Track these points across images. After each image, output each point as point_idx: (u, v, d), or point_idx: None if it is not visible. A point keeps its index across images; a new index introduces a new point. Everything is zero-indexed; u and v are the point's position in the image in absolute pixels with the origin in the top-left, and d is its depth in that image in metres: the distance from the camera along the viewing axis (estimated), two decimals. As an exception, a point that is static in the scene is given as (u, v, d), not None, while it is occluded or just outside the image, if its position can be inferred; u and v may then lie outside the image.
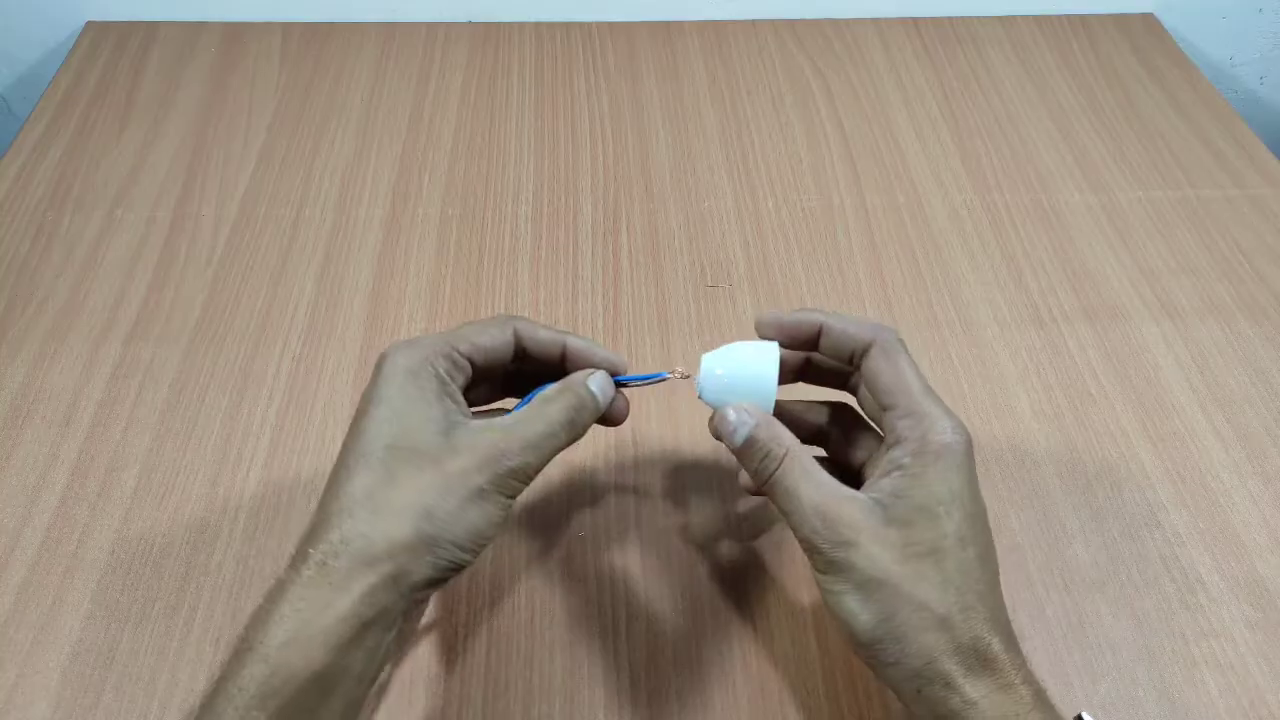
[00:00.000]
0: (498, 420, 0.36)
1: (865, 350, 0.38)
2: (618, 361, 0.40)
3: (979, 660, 0.32)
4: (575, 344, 0.40)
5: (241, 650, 0.31)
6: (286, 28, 0.79)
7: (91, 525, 0.47)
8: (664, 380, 0.41)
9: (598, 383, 0.38)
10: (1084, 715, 0.41)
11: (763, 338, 0.40)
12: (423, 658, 0.43)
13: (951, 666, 0.32)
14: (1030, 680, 0.32)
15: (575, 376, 0.38)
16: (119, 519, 0.47)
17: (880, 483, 0.35)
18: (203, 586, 0.45)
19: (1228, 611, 0.45)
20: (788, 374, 0.41)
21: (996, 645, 0.32)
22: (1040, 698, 0.32)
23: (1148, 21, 0.83)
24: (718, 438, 0.38)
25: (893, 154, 0.69)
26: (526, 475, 0.35)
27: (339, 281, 0.59)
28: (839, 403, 0.42)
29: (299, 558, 0.32)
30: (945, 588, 0.33)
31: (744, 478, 0.39)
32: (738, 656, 0.43)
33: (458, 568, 0.34)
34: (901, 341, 0.38)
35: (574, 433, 0.37)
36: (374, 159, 0.68)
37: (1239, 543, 0.48)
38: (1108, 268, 0.61)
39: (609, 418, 0.40)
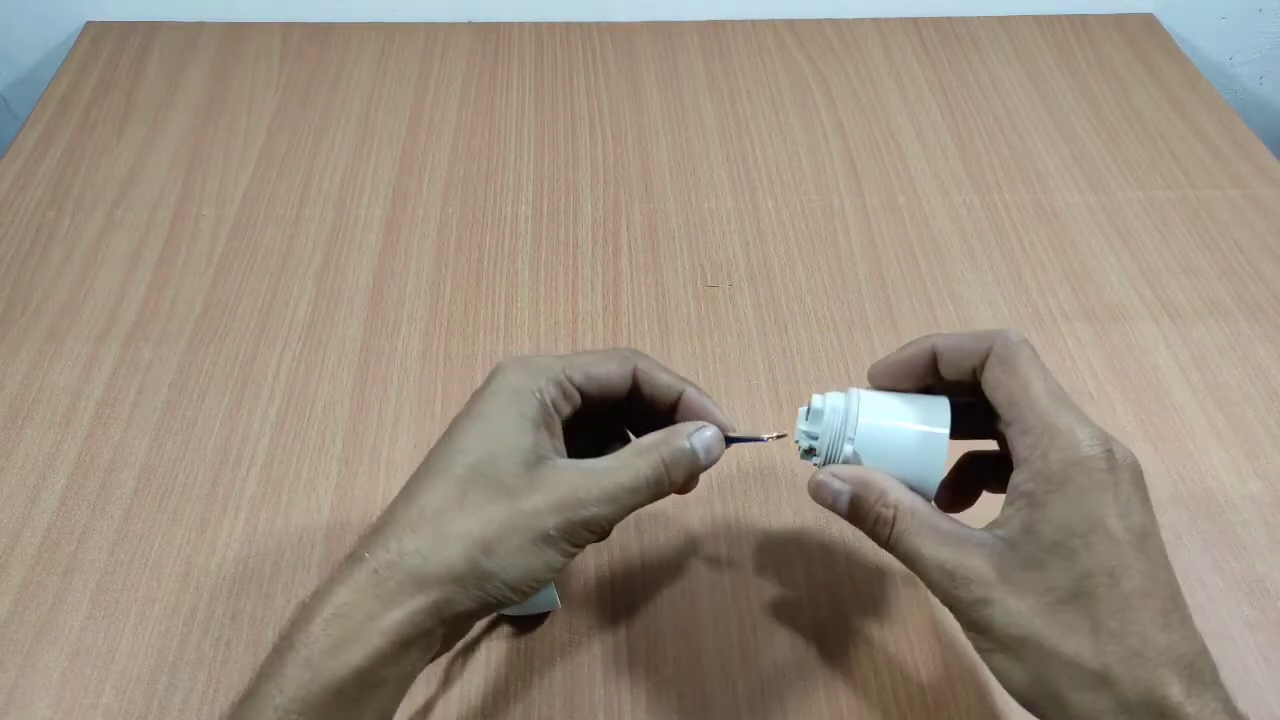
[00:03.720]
0: (584, 463, 0.34)
1: (982, 363, 0.32)
2: (728, 424, 0.37)
3: (1154, 717, 0.28)
4: (692, 395, 0.37)
5: (283, 648, 0.30)
6: (286, 28, 0.79)
7: (91, 525, 0.47)
8: (761, 443, 0.38)
9: (703, 440, 0.35)
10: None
11: (877, 388, 0.36)
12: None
13: None
14: None
15: (681, 428, 0.35)
16: (119, 519, 0.47)
17: (1009, 516, 0.31)
18: (203, 586, 0.45)
19: (1228, 611, 0.45)
20: None
21: (1175, 693, 0.27)
22: None
23: (1147, 21, 0.83)
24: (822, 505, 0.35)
25: (893, 154, 0.69)
26: (599, 527, 0.33)
27: (339, 281, 0.59)
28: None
29: (355, 558, 0.32)
30: (1098, 636, 0.28)
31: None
32: (737, 656, 0.43)
33: (502, 604, 0.33)
34: (1025, 342, 0.32)
35: (660, 490, 0.34)
36: (374, 159, 0.68)
37: (1239, 543, 0.48)
38: (1108, 268, 0.61)
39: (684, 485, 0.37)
